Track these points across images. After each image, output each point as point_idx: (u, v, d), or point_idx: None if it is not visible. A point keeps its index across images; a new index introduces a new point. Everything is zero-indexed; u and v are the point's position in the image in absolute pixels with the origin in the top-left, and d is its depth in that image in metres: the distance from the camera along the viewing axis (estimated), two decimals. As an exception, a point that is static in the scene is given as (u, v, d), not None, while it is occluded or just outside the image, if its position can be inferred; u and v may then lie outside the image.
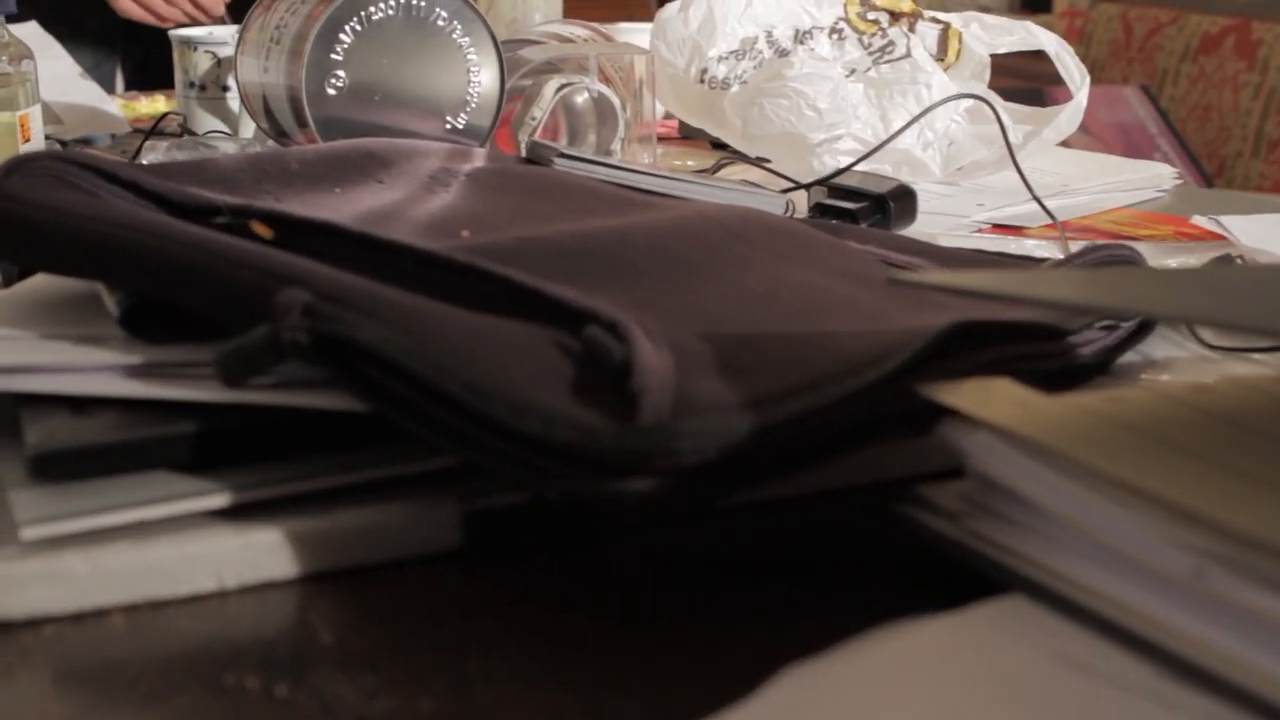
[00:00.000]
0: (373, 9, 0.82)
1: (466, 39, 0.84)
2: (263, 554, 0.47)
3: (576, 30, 1.06)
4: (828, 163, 0.92)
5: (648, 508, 0.44)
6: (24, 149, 0.86)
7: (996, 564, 0.42)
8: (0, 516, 0.47)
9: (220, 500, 0.48)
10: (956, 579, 0.43)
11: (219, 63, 1.12)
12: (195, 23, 1.45)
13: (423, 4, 0.83)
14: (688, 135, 1.16)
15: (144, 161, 0.83)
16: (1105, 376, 0.61)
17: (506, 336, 0.49)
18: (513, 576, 0.47)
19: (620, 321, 0.49)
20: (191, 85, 1.13)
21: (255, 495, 0.49)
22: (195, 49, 1.12)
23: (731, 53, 0.94)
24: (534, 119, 0.90)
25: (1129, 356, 0.64)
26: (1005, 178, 1.04)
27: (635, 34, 1.22)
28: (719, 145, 1.19)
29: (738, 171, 1.05)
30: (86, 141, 1.21)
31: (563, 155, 0.78)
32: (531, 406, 0.44)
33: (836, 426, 0.48)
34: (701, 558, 0.49)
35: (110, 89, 1.74)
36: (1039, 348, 0.57)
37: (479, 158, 0.78)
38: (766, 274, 0.61)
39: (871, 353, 0.50)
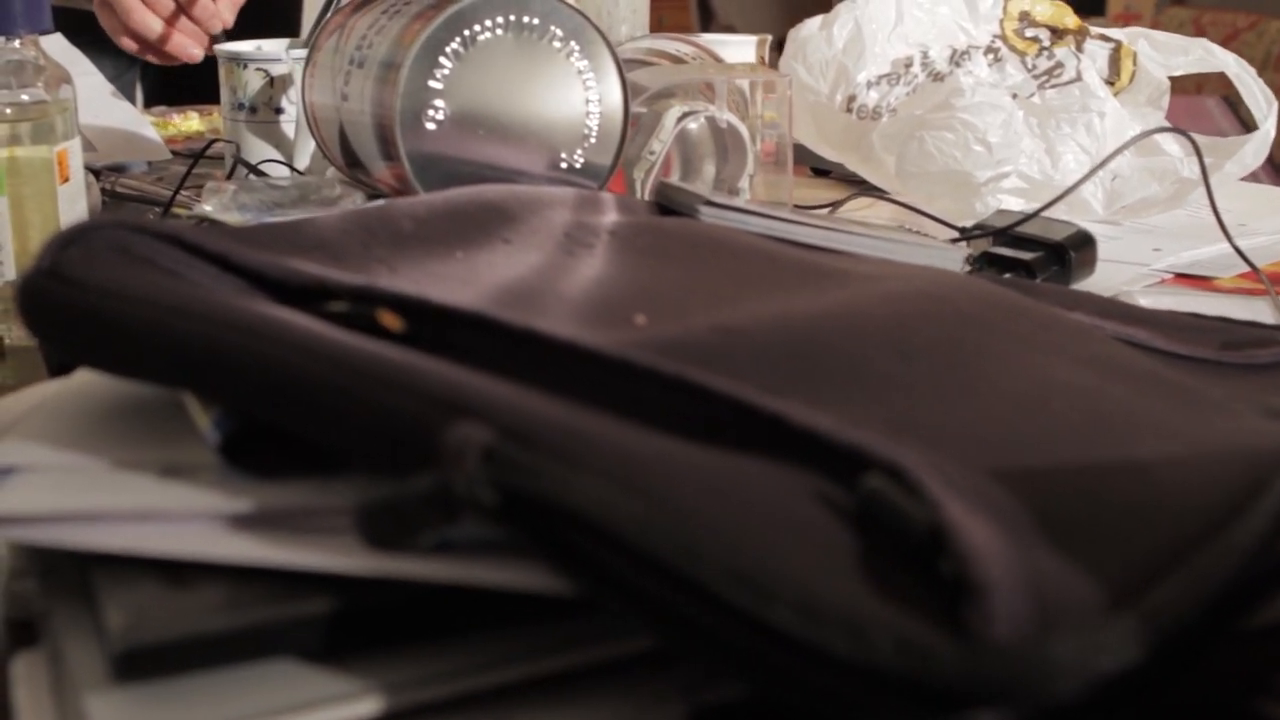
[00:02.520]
0: (477, 28, 0.69)
1: (585, 62, 0.71)
2: (437, 795, 0.34)
3: (681, 47, 0.93)
4: (990, 204, 0.79)
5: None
6: (63, 192, 0.73)
7: None
8: (76, 747, 0.35)
9: (368, 706, 0.36)
10: None
11: (271, 82, 0.99)
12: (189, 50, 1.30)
13: (535, 22, 0.70)
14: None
15: (206, 206, 0.71)
16: None
17: (761, 492, 0.36)
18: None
19: (904, 466, 0.36)
20: (240, 107, 1.00)
21: (414, 698, 0.36)
22: (245, 67, 0.99)
23: (883, 77, 0.81)
24: (653, 154, 0.78)
25: None
26: (1175, 218, 0.91)
27: (720, 47, 1.10)
28: (820, 172, 1.06)
29: (866, 208, 0.92)
30: (120, 169, 1.09)
31: (709, 204, 0.66)
32: (828, 610, 0.31)
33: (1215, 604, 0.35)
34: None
35: (130, 101, 1.60)
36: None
37: (611, 207, 0.66)
38: (1020, 371, 0.48)
39: (1215, 494, 0.38)
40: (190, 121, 1.34)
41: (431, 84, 0.68)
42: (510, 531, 0.36)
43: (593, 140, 0.72)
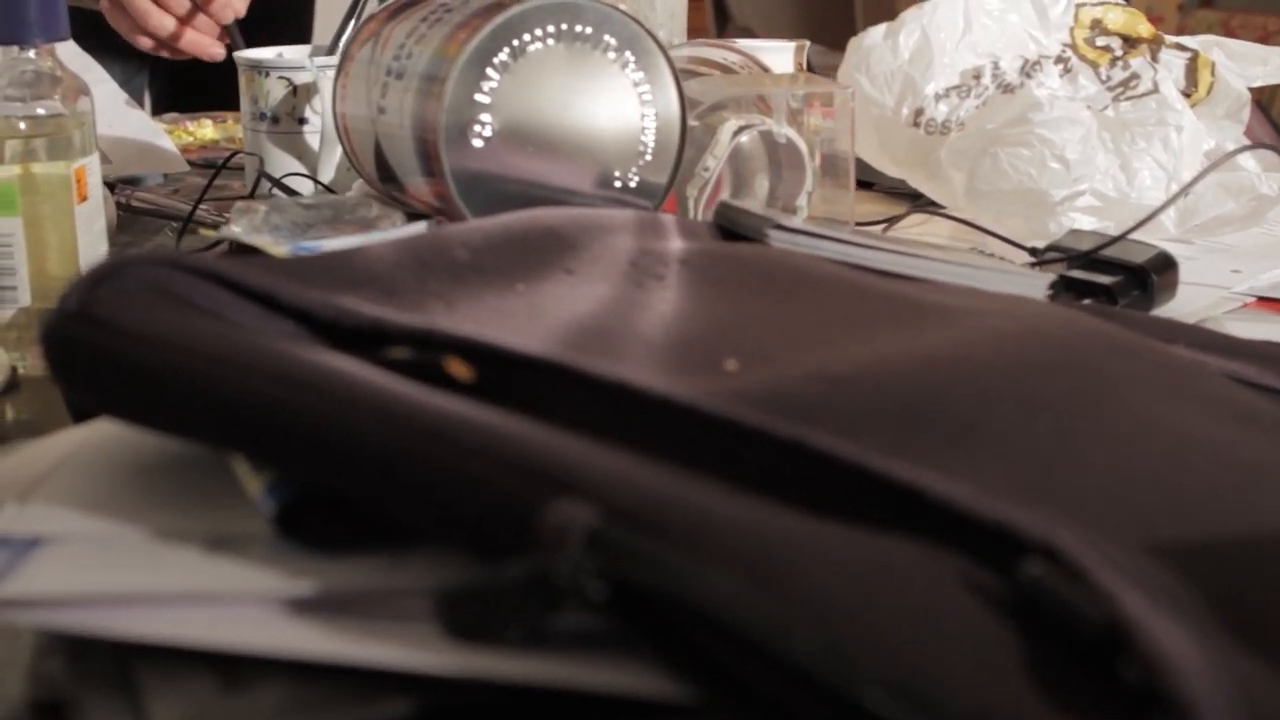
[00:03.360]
0: (526, 38, 0.64)
1: (640, 74, 0.66)
2: None
3: (728, 55, 0.88)
4: (1063, 223, 0.75)
5: None
6: (81, 211, 0.69)
7: None
8: None
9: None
10: None
11: (294, 91, 0.95)
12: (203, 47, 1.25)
13: (587, 31, 0.65)
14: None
15: (235, 228, 0.66)
16: None
17: (907, 582, 0.31)
18: None
19: (1063, 548, 0.32)
20: (261, 117, 0.95)
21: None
22: (266, 75, 0.95)
23: (952, 89, 0.77)
24: (708, 170, 0.73)
25: None
26: (1251, 236, 0.86)
27: (757, 53, 1.05)
28: (863, 184, 1.02)
29: (920, 225, 0.88)
30: (134, 182, 1.04)
31: (779, 227, 0.61)
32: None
33: None
34: None
35: (138, 106, 1.54)
36: None
37: (674, 231, 0.61)
38: (1149, 422, 0.44)
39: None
40: (205, 129, 1.29)
41: (478, 98, 0.64)
42: (616, 625, 0.31)
43: (648, 157, 0.67)
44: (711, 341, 0.47)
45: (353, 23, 1.01)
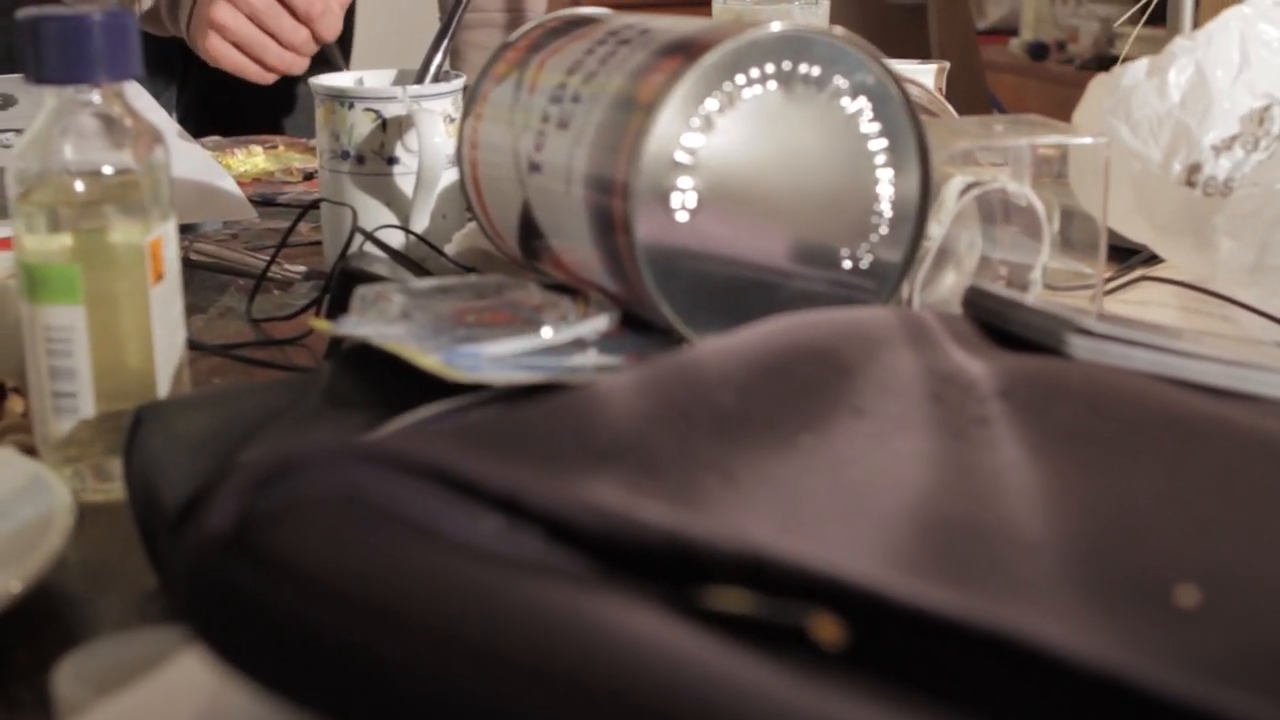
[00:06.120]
0: (741, 80, 0.50)
1: (876, 125, 0.52)
2: None
3: (912, 90, 0.73)
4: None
5: None
6: (156, 295, 0.54)
7: None
8: None
9: None
10: None
11: (383, 125, 0.80)
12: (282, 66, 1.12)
13: (814, 72, 0.51)
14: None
15: (364, 328, 0.51)
16: None
17: None
18: None
19: None
20: (344, 156, 0.81)
21: None
22: (350, 106, 0.80)
23: (1233, 138, 0.62)
24: (930, 239, 0.59)
25: None
26: None
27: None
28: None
29: (1137, 290, 0.73)
30: (189, 229, 0.90)
31: (1083, 332, 0.47)
32: None
33: None
34: None
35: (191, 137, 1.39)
36: None
37: (945, 335, 0.47)
38: None
39: None
40: (255, 158, 1.15)
41: (679, 157, 0.49)
42: None
43: (883, 230, 0.53)
44: (1122, 543, 0.32)
45: (444, 44, 0.87)
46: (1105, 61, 2.93)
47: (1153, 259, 0.77)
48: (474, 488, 0.28)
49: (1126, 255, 0.77)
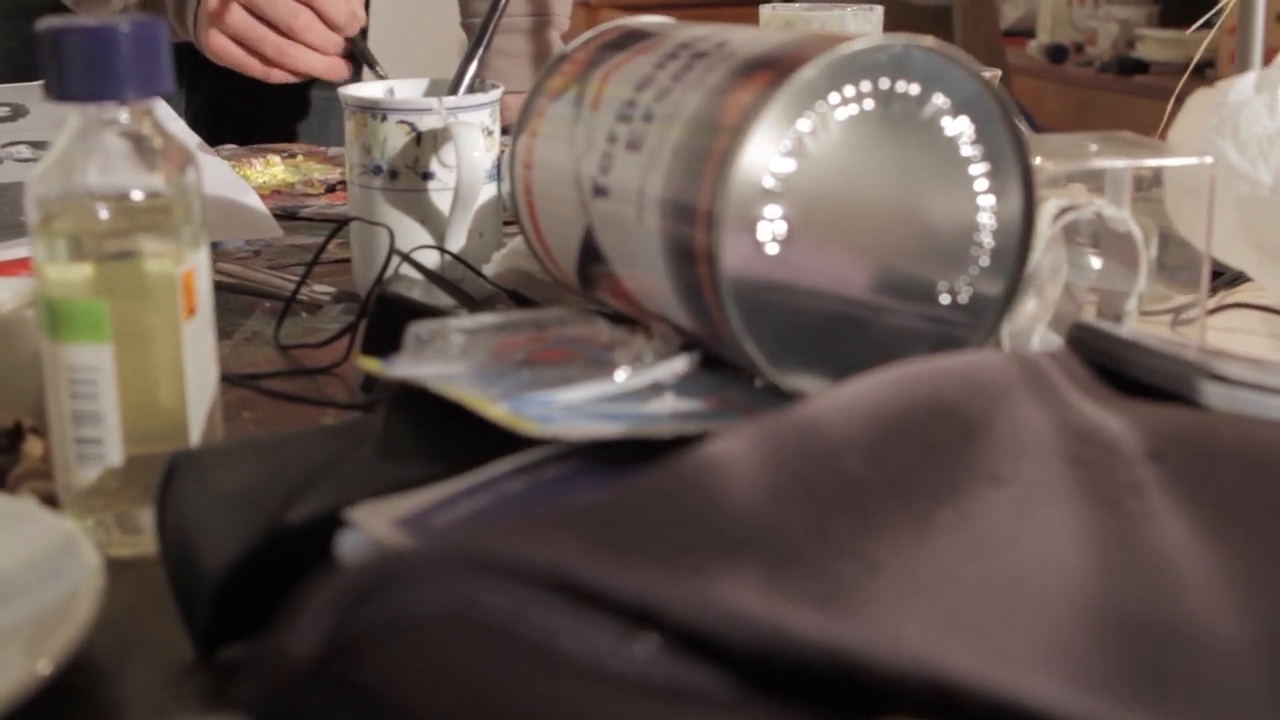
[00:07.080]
0: (835, 99, 0.45)
1: (978, 148, 0.48)
2: None
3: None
4: None
5: None
6: (189, 331, 0.50)
7: None
8: None
9: None
10: None
11: (418, 139, 0.76)
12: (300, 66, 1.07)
13: (914, 91, 0.46)
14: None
15: (422, 369, 0.47)
16: None
17: None
18: None
19: None
20: (375, 171, 0.76)
21: None
22: (383, 118, 0.76)
23: (1351, 158, 0.58)
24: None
25: None
26: None
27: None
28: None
29: (1220, 315, 0.69)
30: (211, 247, 0.85)
31: (1217, 378, 0.42)
32: None
33: None
34: None
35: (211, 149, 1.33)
36: None
37: (1065, 383, 0.42)
38: None
39: None
40: (274, 169, 1.10)
41: (768, 184, 0.45)
42: None
43: (984, 262, 0.48)
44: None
45: (479, 53, 0.82)
46: (1125, 64, 2.88)
47: (1235, 282, 0.73)
48: (600, 596, 0.24)
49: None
